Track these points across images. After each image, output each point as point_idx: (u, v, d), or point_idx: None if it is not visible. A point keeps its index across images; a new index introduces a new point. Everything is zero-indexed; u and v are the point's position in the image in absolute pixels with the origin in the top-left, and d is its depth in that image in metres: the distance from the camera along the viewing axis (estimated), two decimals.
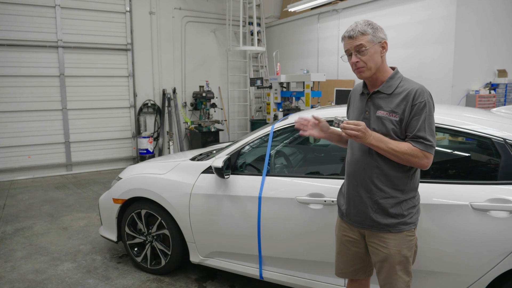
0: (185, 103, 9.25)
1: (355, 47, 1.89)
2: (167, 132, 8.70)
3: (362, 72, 1.92)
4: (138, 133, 8.46)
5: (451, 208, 2.25)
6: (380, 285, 2.05)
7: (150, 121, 8.77)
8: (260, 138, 3.04)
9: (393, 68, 2.00)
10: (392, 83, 1.94)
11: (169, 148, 8.43)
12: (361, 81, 2.07)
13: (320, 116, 2.11)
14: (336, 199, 2.30)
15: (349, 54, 1.94)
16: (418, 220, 2.03)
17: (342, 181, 2.21)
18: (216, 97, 9.28)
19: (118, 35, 8.17)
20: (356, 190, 2.02)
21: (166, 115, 8.73)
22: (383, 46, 1.92)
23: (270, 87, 7.81)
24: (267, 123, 4.48)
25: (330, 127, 2.10)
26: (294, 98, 7.64)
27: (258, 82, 8.15)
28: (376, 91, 1.96)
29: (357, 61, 1.90)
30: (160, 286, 3.31)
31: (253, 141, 3.06)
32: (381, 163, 1.93)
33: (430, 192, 2.33)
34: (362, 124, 1.82)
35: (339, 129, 1.88)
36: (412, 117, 1.86)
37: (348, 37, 1.91)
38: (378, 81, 1.97)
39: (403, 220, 1.95)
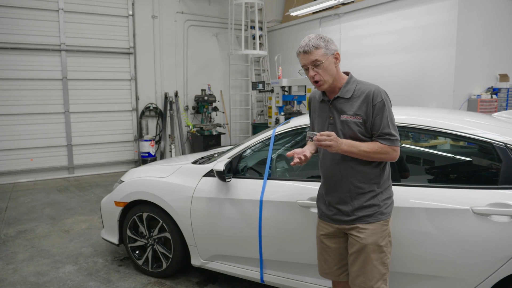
0: (187, 106, 9.27)
1: (311, 62, 2.00)
2: (169, 135, 8.72)
3: (320, 85, 2.05)
4: (140, 136, 8.49)
5: (452, 213, 2.25)
6: (354, 277, 2.09)
7: (152, 124, 8.79)
8: (262, 141, 3.05)
9: (347, 74, 2.11)
10: (349, 88, 2.06)
11: (170, 151, 8.45)
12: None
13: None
14: None
15: (306, 68, 2.05)
16: (392, 210, 2.13)
17: None
18: (218, 101, 9.31)
19: (120, 39, 8.22)
20: (334, 191, 2.12)
21: (168, 119, 8.76)
22: (336, 57, 2.05)
23: (272, 91, 7.83)
24: (269, 127, 4.49)
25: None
26: (295, 102, 7.66)
27: (260, 86, 8.17)
28: (336, 97, 2.07)
29: (314, 74, 2.01)
30: None
31: (254, 145, 3.07)
32: (354, 163, 2.05)
33: (431, 196, 2.34)
34: (333, 134, 1.94)
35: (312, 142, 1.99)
36: (375, 117, 1.99)
37: (303, 52, 2.01)
38: (336, 88, 2.08)
39: (379, 210, 2.06)
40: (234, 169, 3.02)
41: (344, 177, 2.07)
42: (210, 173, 3.11)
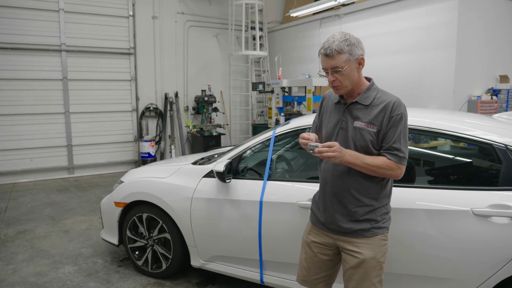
0: (187, 107, 9.27)
1: (331, 67, 1.90)
2: (169, 136, 8.72)
3: (338, 89, 1.96)
4: (140, 136, 8.49)
5: (452, 214, 2.25)
6: None
7: (152, 125, 8.79)
8: (262, 142, 3.05)
9: (368, 79, 2.03)
10: (369, 95, 1.97)
11: (170, 152, 8.45)
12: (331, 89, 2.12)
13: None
14: None
15: (326, 71, 1.96)
16: (389, 225, 2.06)
17: None
18: (218, 101, 9.30)
19: (121, 39, 8.22)
20: (332, 199, 2.03)
21: (168, 119, 8.76)
22: (360, 62, 1.93)
23: (272, 91, 7.83)
24: (269, 128, 4.49)
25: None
26: (295, 102, 7.66)
27: (260, 87, 8.17)
28: (354, 101, 1.98)
29: (333, 80, 1.92)
30: None
31: (254, 146, 3.07)
32: (358, 173, 1.95)
33: (431, 198, 2.34)
34: (336, 144, 1.85)
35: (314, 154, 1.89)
36: (389, 129, 1.90)
37: (325, 55, 1.90)
38: (354, 93, 1.99)
39: (376, 225, 1.99)
40: (234, 170, 3.02)
41: (344, 185, 1.99)
42: (210, 174, 3.10)
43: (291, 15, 8.34)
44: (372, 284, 1.96)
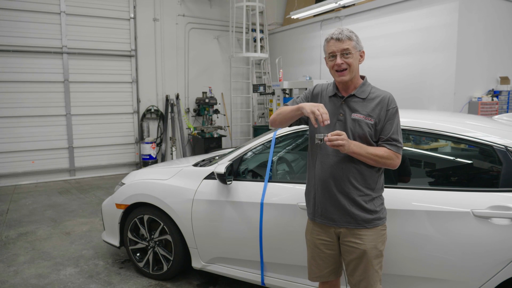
0: (188, 109, 9.29)
1: (342, 50, 2.01)
2: (170, 137, 8.73)
3: (343, 75, 2.03)
4: (141, 138, 8.50)
5: (453, 215, 2.25)
6: (356, 281, 2.09)
7: (153, 126, 8.80)
8: (263, 144, 3.06)
9: (362, 77, 2.14)
10: (365, 89, 2.09)
11: (171, 153, 8.46)
12: (323, 83, 2.25)
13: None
14: None
15: (333, 55, 2.04)
16: (386, 215, 2.15)
17: None
18: (219, 103, 9.31)
19: (122, 42, 8.24)
20: (333, 190, 2.08)
21: (169, 121, 8.77)
22: (361, 55, 2.09)
23: (273, 93, 7.84)
24: (270, 129, 4.49)
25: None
26: None
27: (261, 89, 8.19)
28: (351, 94, 2.07)
29: (341, 63, 2.00)
30: None
31: (255, 147, 3.08)
32: (358, 163, 2.04)
33: (431, 199, 2.34)
34: (343, 133, 1.92)
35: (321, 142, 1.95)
36: (387, 121, 2.03)
37: (336, 39, 2.02)
38: (351, 86, 2.09)
39: (377, 215, 2.07)
40: (235, 172, 3.02)
41: (345, 175, 2.04)
42: (211, 176, 3.11)
43: (292, 17, 8.35)
44: (375, 271, 2.06)
